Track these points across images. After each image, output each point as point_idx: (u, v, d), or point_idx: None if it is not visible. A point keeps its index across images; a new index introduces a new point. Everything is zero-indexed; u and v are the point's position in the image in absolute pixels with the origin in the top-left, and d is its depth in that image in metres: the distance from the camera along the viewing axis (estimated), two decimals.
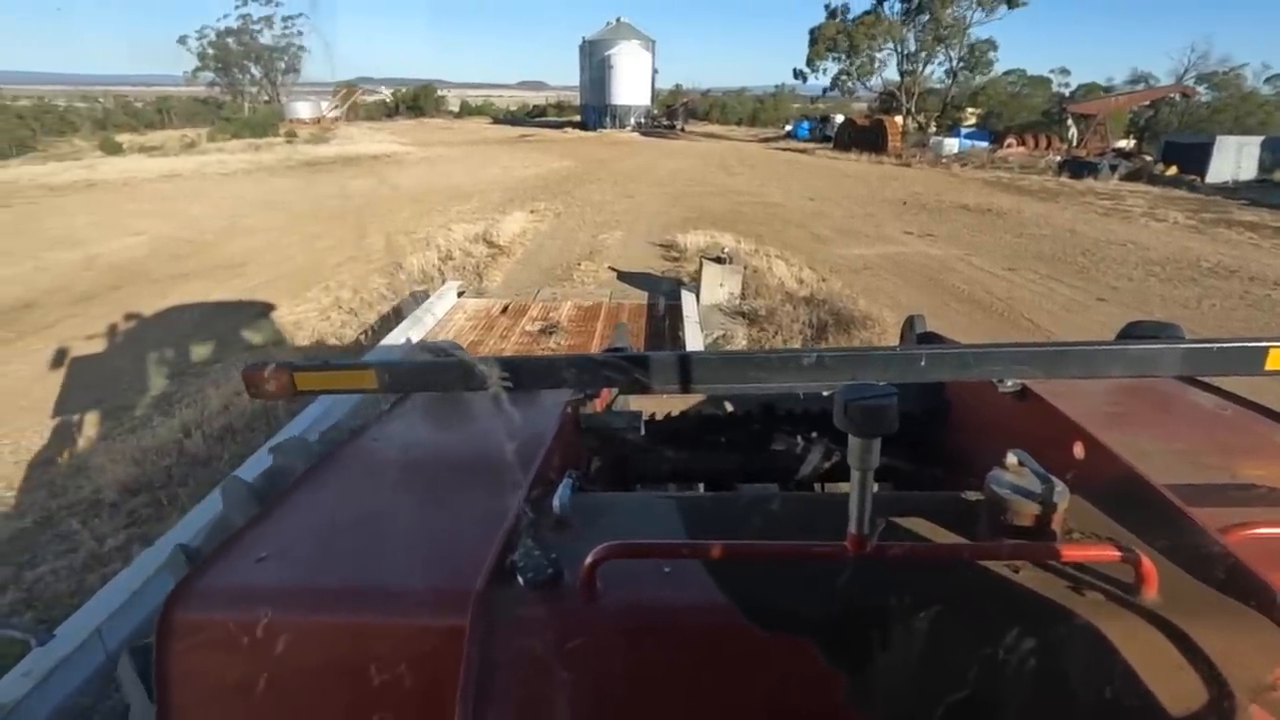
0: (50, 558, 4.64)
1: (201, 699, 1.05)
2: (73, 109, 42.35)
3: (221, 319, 9.55)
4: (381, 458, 1.56)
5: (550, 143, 41.84)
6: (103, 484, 5.40)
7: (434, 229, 15.12)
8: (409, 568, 1.09)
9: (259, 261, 12.71)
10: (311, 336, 9.02)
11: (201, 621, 1.06)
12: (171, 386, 7.48)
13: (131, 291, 10.76)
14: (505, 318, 8.19)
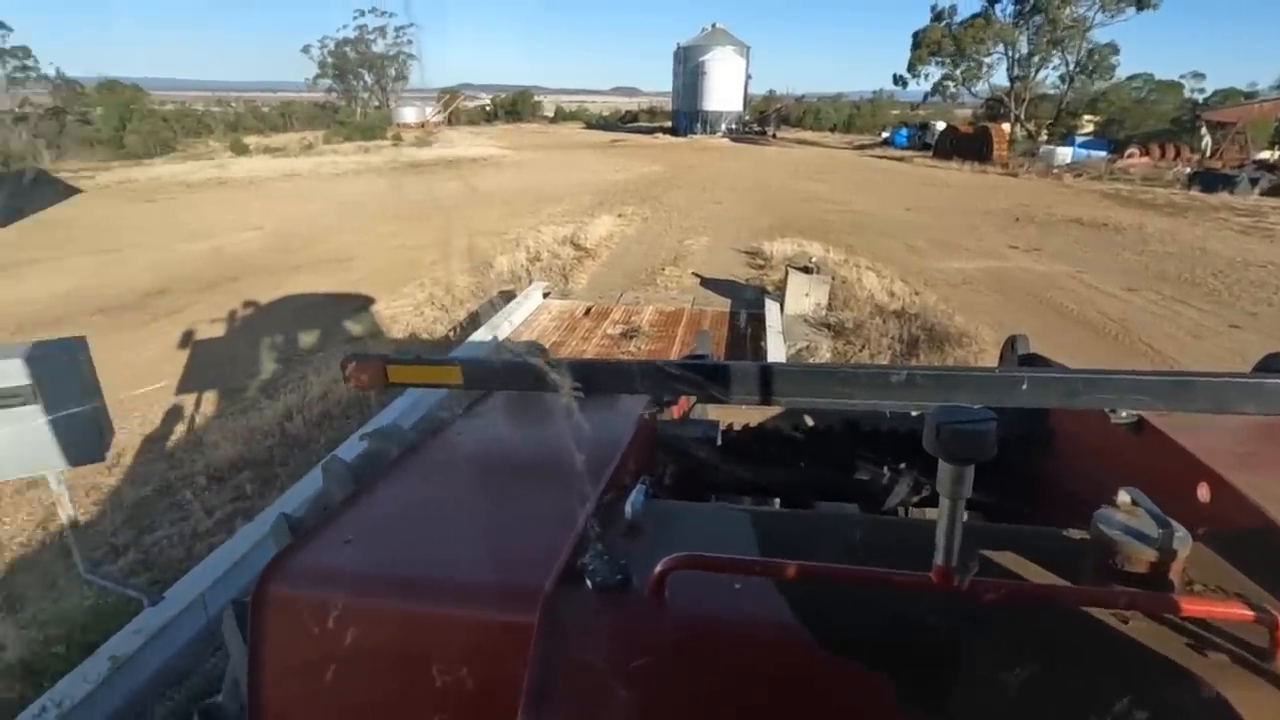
0: (165, 524, 5.07)
1: (286, 664, 1.11)
2: (209, 113, 46.45)
3: (326, 310, 10.17)
4: (463, 451, 1.60)
5: (640, 148, 42.28)
6: (214, 459, 5.85)
7: (524, 230, 15.56)
8: (482, 562, 1.11)
9: (362, 257, 13.47)
10: (405, 330, 9.46)
11: (291, 595, 1.11)
12: (279, 371, 8.03)
13: (250, 281, 11.64)
14: (588, 320, 8.31)
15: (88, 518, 5.09)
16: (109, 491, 5.49)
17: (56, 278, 12.00)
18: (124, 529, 5.00)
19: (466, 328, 9.16)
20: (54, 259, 13.30)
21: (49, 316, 9.77)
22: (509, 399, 1.91)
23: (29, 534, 4.97)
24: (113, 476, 5.67)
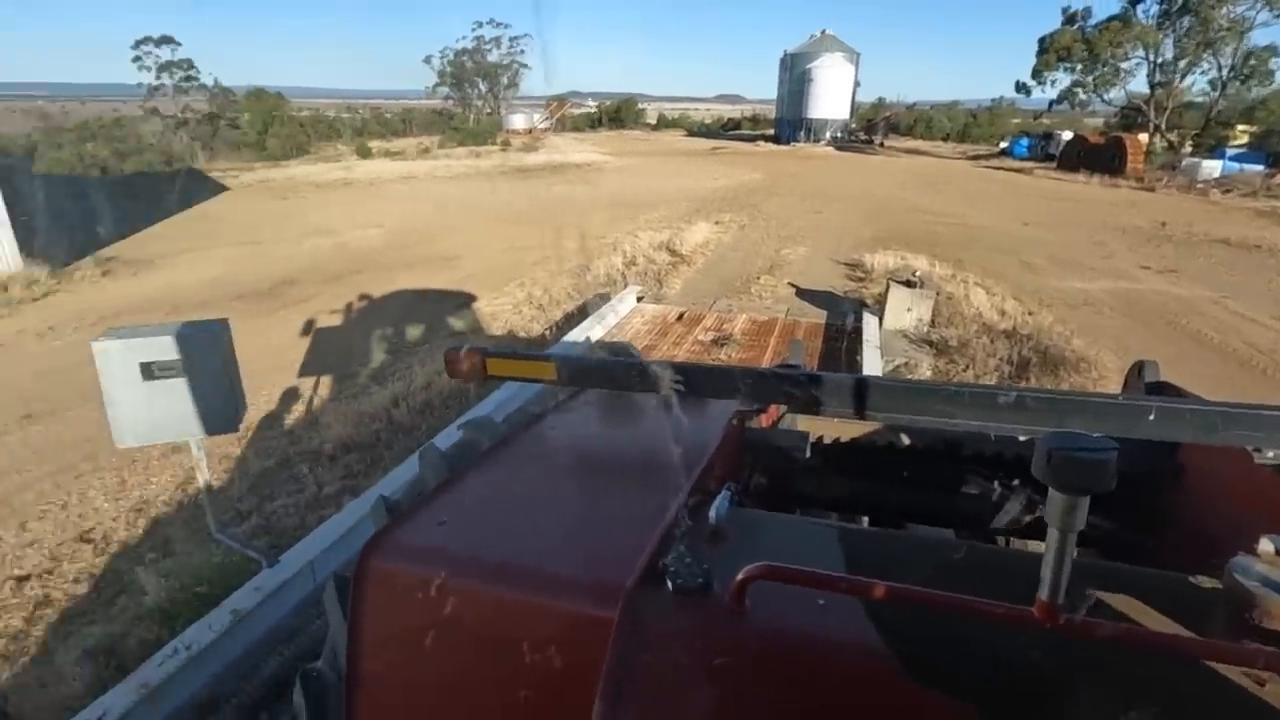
0: (284, 495, 5.51)
1: (381, 636, 1.19)
2: (339, 119, 50.16)
3: (433, 305, 10.74)
4: (554, 445, 1.65)
5: (741, 155, 41.98)
6: (327, 439, 6.31)
7: (621, 235, 15.81)
8: (566, 554, 1.15)
9: (469, 256, 14.12)
10: (504, 327, 9.84)
11: (388, 571, 1.19)
12: (387, 361, 8.56)
13: (368, 275, 12.47)
14: (680, 325, 8.34)
15: (219, 483, 5.61)
16: (237, 460, 6.03)
17: (205, 266, 13.32)
18: (249, 496, 5.49)
19: (561, 327, 9.41)
20: (203, 249, 14.77)
21: (197, 300, 10.85)
22: (600, 397, 1.96)
23: (170, 494, 5.54)
24: (241, 447, 6.23)
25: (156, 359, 3.35)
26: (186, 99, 38.16)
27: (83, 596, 4.46)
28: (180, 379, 3.38)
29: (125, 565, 4.69)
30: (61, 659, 3.94)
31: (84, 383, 6.30)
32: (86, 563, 4.76)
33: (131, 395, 3.39)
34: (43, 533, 5.07)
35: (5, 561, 4.76)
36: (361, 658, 1.23)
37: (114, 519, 5.23)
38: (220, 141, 35.00)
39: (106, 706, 3.10)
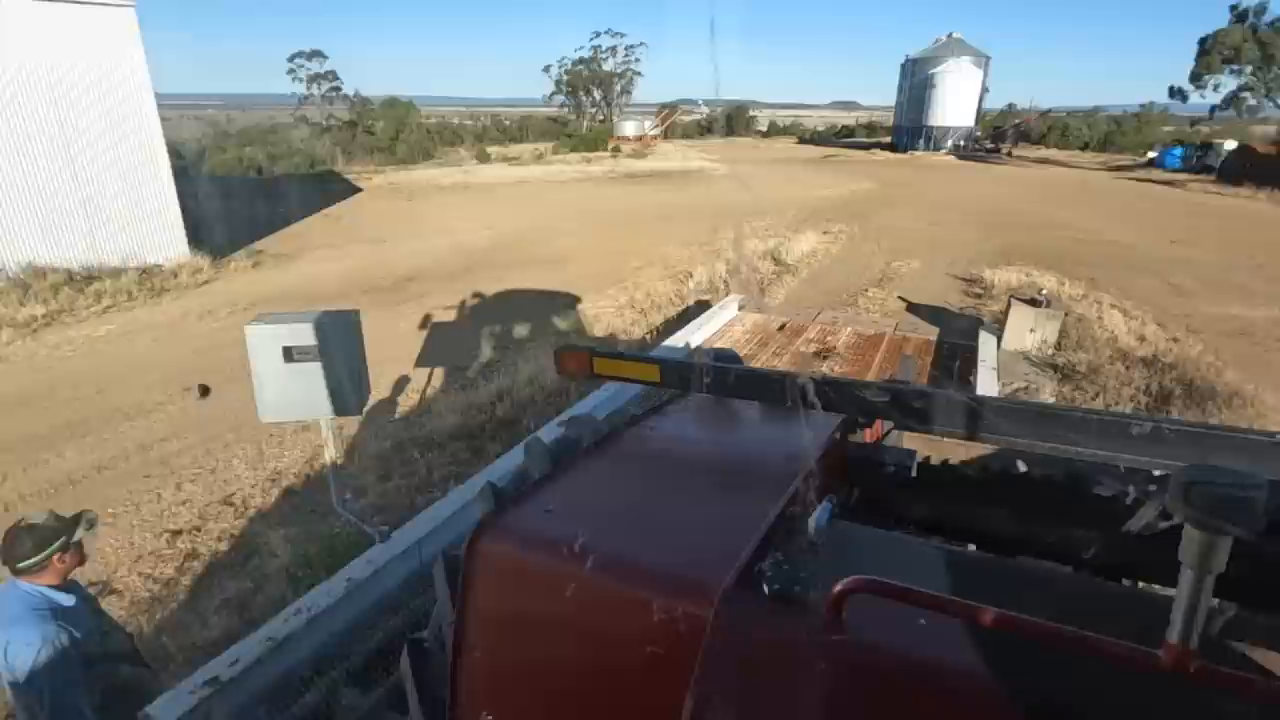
0: (397, 476, 5.90)
1: (487, 612, 1.27)
2: (462, 125, 53.14)
3: (539, 305, 11.14)
4: (653, 445, 1.69)
5: (854, 163, 40.73)
6: (438, 427, 6.69)
7: (726, 242, 15.75)
8: (664, 551, 1.18)
9: (575, 258, 14.53)
10: (606, 329, 10.06)
11: (497, 552, 1.27)
12: (495, 356, 8.96)
13: (481, 274, 13.12)
14: (781, 335, 8.21)
15: (341, 461, 6.09)
16: (358, 441, 6.51)
17: (338, 260, 14.48)
18: (366, 475, 5.92)
19: (661, 332, 9.50)
20: (338, 245, 16.06)
21: (331, 292, 11.81)
22: (700, 401, 1.98)
23: (300, 467, 6.07)
24: (363, 429, 6.72)
25: (297, 344, 3.69)
26: (331, 107, 41.67)
27: (223, 553, 4.97)
28: (315, 363, 3.71)
29: (259, 528, 5.18)
30: (203, 606, 4.41)
31: (233, 362, 7.01)
32: (228, 523, 5.31)
33: (274, 375, 3.75)
34: (194, 493, 5.70)
35: (163, 516, 5.39)
36: (466, 631, 1.31)
37: (252, 486, 5.79)
38: (357, 146, 37.93)
39: (238, 655, 3.44)
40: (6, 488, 5.70)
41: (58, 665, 2.27)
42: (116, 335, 9.76)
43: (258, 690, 3.39)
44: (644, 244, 15.94)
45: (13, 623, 2.25)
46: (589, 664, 1.14)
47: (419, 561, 4.26)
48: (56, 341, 9.42)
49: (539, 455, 1.94)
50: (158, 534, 5.15)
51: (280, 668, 3.50)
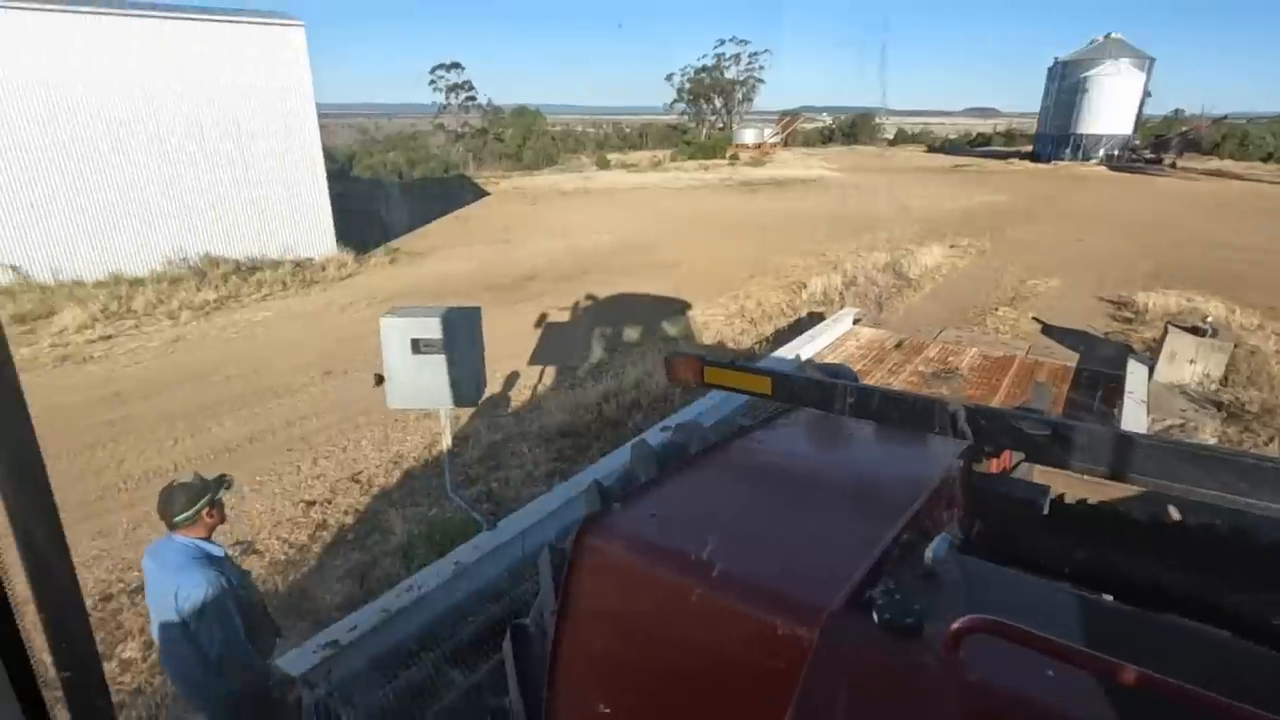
0: (506, 468, 6.15)
1: (589, 606, 1.30)
2: (585, 133, 54.84)
3: (649, 310, 11.27)
4: (761, 458, 1.66)
5: (989, 174, 38.22)
6: (546, 424, 6.92)
7: (843, 253, 15.25)
8: (770, 566, 1.15)
9: (687, 265, 14.59)
10: (714, 337, 10.01)
11: (602, 548, 1.29)
12: (604, 358, 9.15)
13: (595, 277, 13.46)
14: (898, 353, 7.83)
15: (456, 449, 6.43)
16: (472, 432, 6.86)
17: (464, 259, 15.34)
18: (477, 465, 6.22)
19: (771, 342, 9.34)
20: (465, 244, 17.02)
21: (456, 288, 12.54)
22: (810, 416, 1.92)
23: (419, 453, 6.47)
24: (477, 421, 7.08)
25: (424, 336, 3.94)
26: (466, 116, 44.30)
27: (348, 526, 5.39)
28: (439, 356, 3.95)
29: (381, 506, 5.57)
30: (329, 573, 4.80)
31: (367, 351, 7.59)
32: (354, 499, 5.75)
33: (403, 365, 4.03)
34: (327, 469, 6.22)
35: (300, 487, 5.91)
36: (567, 623, 1.35)
37: (377, 466, 6.25)
38: (487, 152, 40.09)
39: (356, 622, 3.71)
40: (177, 451, 6.47)
41: (223, 605, 2.56)
42: (272, 320, 10.85)
43: (371, 657, 3.64)
44: (757, 252, 15.74)
45: (179, 570, 2.55)
46: (684, 670, 1.14)
47: (522, 551, 4.42)
48: (224, 324, 10.61)
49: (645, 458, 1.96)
50: (295, 503, 5.66)
51: (391, 639, 3.75)
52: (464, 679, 3.51)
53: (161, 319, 10.68)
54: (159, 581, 2.60)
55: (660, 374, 7.81)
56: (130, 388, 8.01)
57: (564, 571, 1.39)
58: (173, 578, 2.54)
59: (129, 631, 4.12)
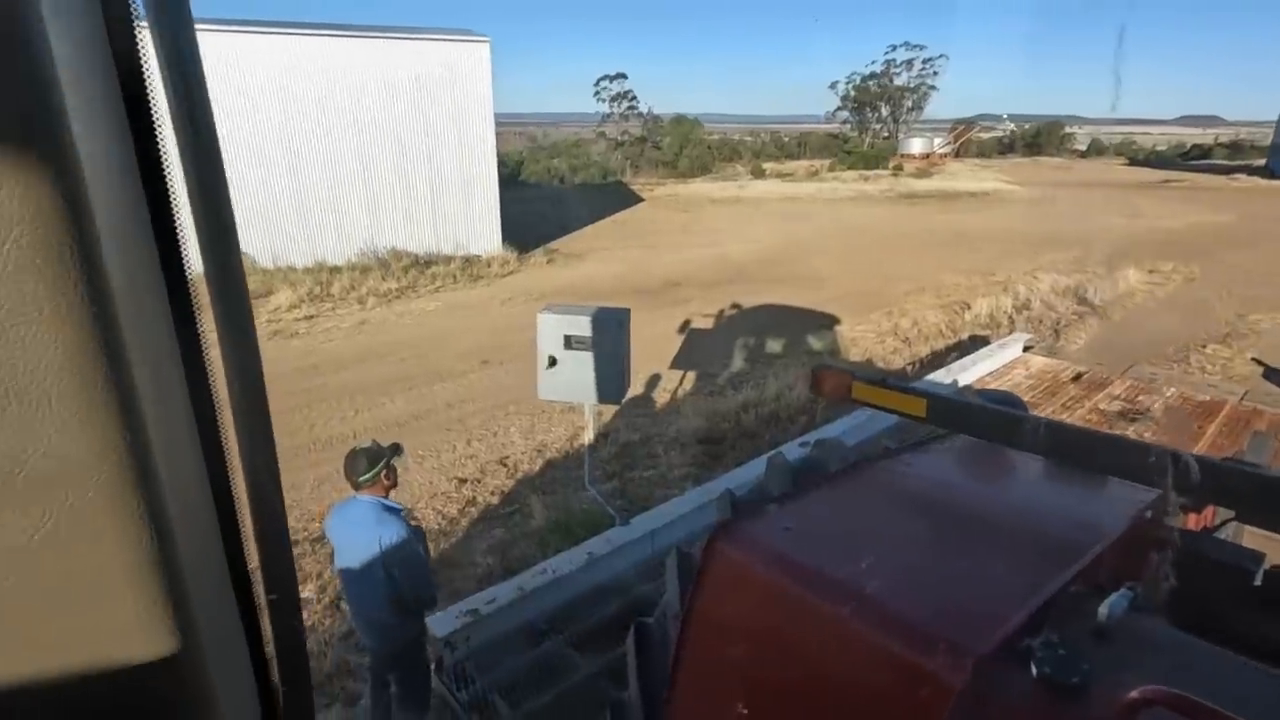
0: (641, 468, 6.28)
1: (716, 613, 1.29)
2: (742, 142, 54.64)
3: (794, 322, 11.00)
4: (910, 483, 1.57)
5: (1204, 190, 33.23)
6: (682, 428, 6.97)
7: (1017, 274, 13.98)
8: (911, 598, 1.09)
9: (837, 279, 14.07)
10: (862, 354, 9.57)
11: (733, 557, 1.29)
12: (744, 368, 9.06)
13: (741, 285, 13.37)
14: (1075, 387, 7.04)
15: (595, 445, 6.66)
16: (611, 429, 7.07)
17: (615, 263, 15.86)
18: (613, 461, 6.40)
19: (926, 365, 8.77)
20: (617, 249, 17.60)
21: (605, 290, 13.00)
22: (966, 446, 1.79)
23: (561, 444, 6.78)
24: (618, 419, 7.29)
25: (575, 333, 4.13)
26: (627, 124, 45.80)
27: (493, 506, 5.76)
28: (588, 352, 4.12)
29: (523, 490, 5.90)
30: (473, 546, 5.16)
31: (521, 343, 8.06)
32: (500, 481, 6.13)
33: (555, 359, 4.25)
34: (478, 450, 6.69)
35: (455, 465, 6.41)
36: (692, 627, 1.35)
37: (523, 452, 6.63)
38: (645, 160, 41.18)
39: (494, 596, 3.96)
40: (356, 421, 7.27)
41: (416, 552, 2.95)
42: (440, 310, 11.87)
43: (504, 630, 3.87)
44: (916, 269, 14.84)
45: (377, 523, 2.91)
46: (811, 692, 1.10)
47: (651, 550, 4.50)
48: (401, 311, 11.77)
49: (781, 472, 1.92)
50: (449, 479, 6.14)
51: (524, 616, 3.96)
52: (586, 666, 3.64)
53: (352, 303, 12.06)
54: (353, 535, 2.95)
55: (802, 388, 7.60)
56: (323, 361, 9.11)
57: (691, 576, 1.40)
58: (372, 529, 2.89)
59: (308, 575, 4.68)
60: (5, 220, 0.37)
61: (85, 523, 0.43)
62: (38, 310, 0.39)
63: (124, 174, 0.51)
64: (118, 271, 0.43)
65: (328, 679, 3.83)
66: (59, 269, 0.39)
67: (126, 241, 0.49)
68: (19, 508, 0.41)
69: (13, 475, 0.40)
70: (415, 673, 3.20)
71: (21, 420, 0.39)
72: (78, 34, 0.46)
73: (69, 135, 0.39)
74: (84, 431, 0.41)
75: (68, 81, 0.40)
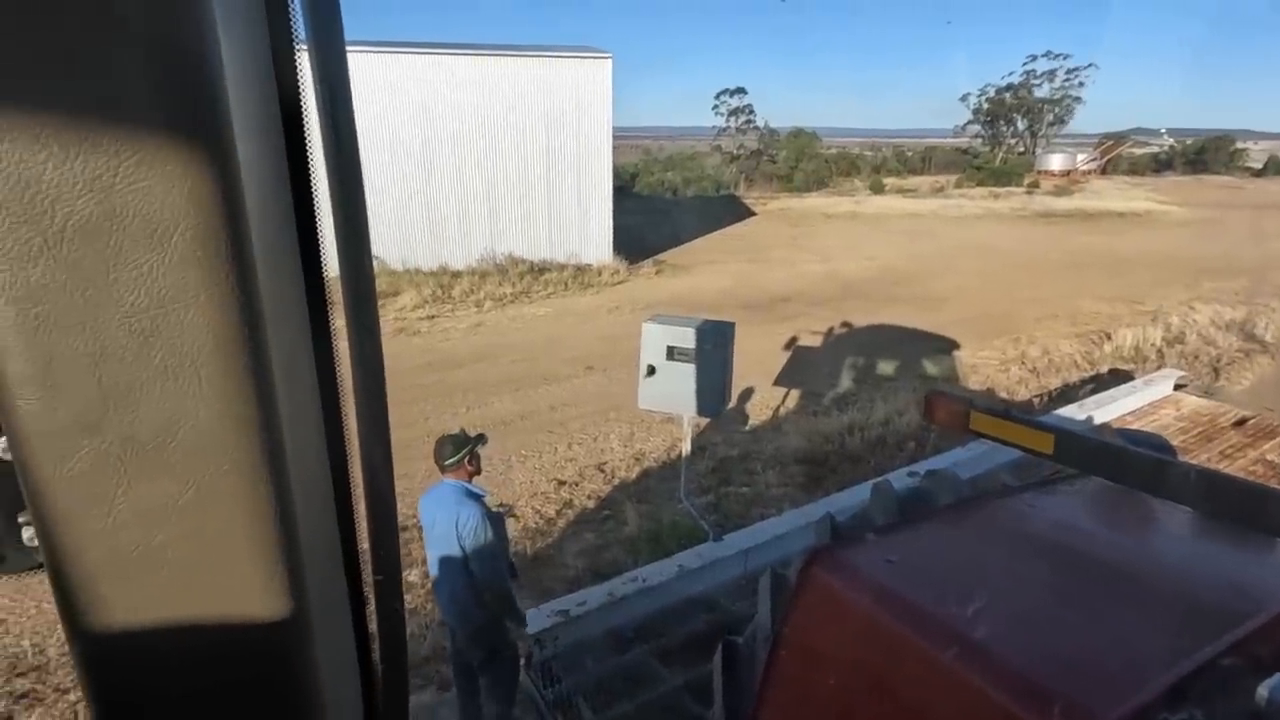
0: (736, 484, 6.19)
1: (809, 639, 1.24)
2: (861, 156, 52.93)
3: (910, 344, 10.48)
4: (1032, 525, 1.45)
5: None
6: (782, 447, 6.81)
7: (1170, 304, 12.63)
8: (1030, 651, 1.00)
9: (958, 301, 13.29)
10: (983, 383, 8.96)
11: (831, 584, 1.23)
12: (851, 389, 8.73)
13: (852, 304, 12.92)
14: (1238, 433, 6.23)
15: (692, 457, 6.64)
16: (708, 443, 7.02)
17: (723, 276, 15.80)
18: (709, 475, 6.35)
19: (1056, 399, 8.08)
20: (725, 262, 17.52)
21: (711, 303, 12.96)
22: (1098, 488, 1.63)
23: (658, 454, 6.81)
24: (716, 433, 7.23)
25: (678, 344, 4.14)
26: (743, 138, 45.63)
27: (588, 509, 5.87)
28: (690, 364, 4.11)
29: (619, 497, 5.97)
30: (567, 547, 5.27)
31: (624, 352, 8.18)
32: (597, 485, 6.24)
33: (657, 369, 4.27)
34: (578, 454, 6.84)
35: (555, 466, 6.59)
36: (784, 650, 1.31)
37: (620, 459, 6.71)
38: (759, 174, 40.84)
39: (585, 599, 4.02)
40: (467, 417, 7.64)
41: (493, 533, 3.08)
42: (550, 316, 12.29)
43: (592, 633, 3.92)
44: (1049, 293, 13.75)
45: (457, 503, 3.06)
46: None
47: (743, 568, 4.41)
48: (514, 315, 12.29)
49: (887, 500, 1.83)
50: (549, 480, 6.32)
51: (611, 622, 3.99)
52: (671, 679, 3.61)
53: (470, 306, 12.73)
54: (435, 515, 3.13)
55: (913, 413, 7.22)
56: (440, 359, 9.67)
57: (785, 598, 1.36)
58: (452, 509, 3.05)
59: (413, 560, 4.96)
60: (174, 217, 0.42)
61: (223, 491, 0.47)
62: (195, 298, 0.43)
63: (275, 180, 0.57)
64: (263, 267, 0.48)
65: (424, 661, 4.03)
66: (214, 262, 0.43)
67: (273, 240, 0.54)
68: (171, 474, 0.46)
69: (166, 444, 0.45)
70: (500, 662, 3.30)
71: (176, 395, 0.44)
72: (246, 56, 0.51)
73: (231, 145, 0.44)
74: (226, 409, 0.46)
75: (234, 97, 0.44)
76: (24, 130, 0.38)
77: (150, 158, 0.41)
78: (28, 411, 0.42)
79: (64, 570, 0.46)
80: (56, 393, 0.43)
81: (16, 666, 3.93)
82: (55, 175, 0.39)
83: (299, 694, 0.54)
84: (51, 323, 0.41)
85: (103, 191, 0.40)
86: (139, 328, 0.43)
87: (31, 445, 0.43)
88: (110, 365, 0.43)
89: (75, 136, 0.39)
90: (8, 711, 3.65)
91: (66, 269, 0.41)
